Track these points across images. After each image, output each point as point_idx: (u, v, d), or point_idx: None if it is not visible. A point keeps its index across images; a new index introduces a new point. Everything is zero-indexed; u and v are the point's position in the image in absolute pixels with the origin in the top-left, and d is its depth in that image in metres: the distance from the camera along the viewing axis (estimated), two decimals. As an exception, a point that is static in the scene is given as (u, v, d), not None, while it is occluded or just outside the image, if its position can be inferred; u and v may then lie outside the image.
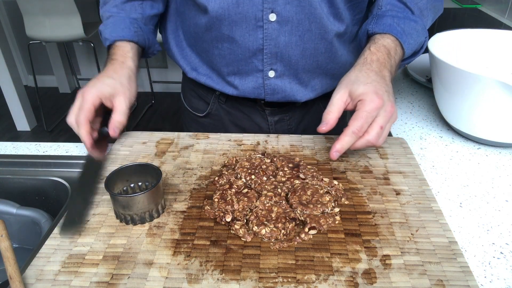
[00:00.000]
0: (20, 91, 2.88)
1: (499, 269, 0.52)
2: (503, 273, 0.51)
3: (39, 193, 0.77)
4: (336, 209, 0.59)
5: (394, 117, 0.63)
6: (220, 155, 0.73)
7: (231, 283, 0.49)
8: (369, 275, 0.49)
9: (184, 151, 0.74)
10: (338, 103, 0.63)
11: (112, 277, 0.50)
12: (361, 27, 0.76)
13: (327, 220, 0.56)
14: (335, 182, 0.64)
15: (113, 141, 0.74)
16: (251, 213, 0.58)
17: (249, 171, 0.66)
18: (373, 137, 0.60)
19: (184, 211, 0.60)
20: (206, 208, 0.60)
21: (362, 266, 0.50)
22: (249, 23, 0.74)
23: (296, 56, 0.78)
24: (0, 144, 0.83)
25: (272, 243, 0.54)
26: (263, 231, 0.54)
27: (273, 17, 0.73)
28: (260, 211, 0.58)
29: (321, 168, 0.69)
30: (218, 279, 0.49)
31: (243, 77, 0.82)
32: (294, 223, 0.56)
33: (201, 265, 0.51)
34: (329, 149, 0.73)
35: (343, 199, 0.61)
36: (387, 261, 0.51)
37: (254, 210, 0.59)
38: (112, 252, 0.53)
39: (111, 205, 0.60)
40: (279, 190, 0.62)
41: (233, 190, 0.62)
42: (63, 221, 0.58)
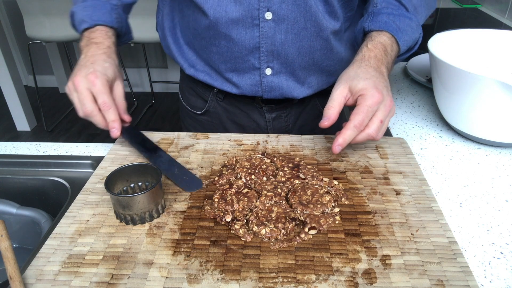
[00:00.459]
0: (20, 91, 2.88)
1: (499, 269, 0.52)
2: (503, 273, 0.51)
3: (39, 193, 0.77)
4: (336, 209, 0.59)
5: (392, 111, 0.65)
6: (220, 155, 0.73)
7: (231, 283, 0.49)
8: (369, 275, 0.49)
9: (184, 151, 0.74)
10: (338, 98, 0.65)
11: (112, 277, 0.50)
12: (357, 24, 0.78)
13: (327, 220, 0.56)
14: (335, 182, 0.64)
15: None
16: (251, 213, 0.58)
17: (249, 171, 0.66)
18: (373, 131, 0.62)
19: (184, 211, 0.60)
20: (206, 208, 0.60)
21: (362, 266, 0.50)
22: (246, 21, 0.74)
23: (292, 53, 0.79)
24: (0, 144, 0.83)
25: (272, 243, 0.54)
26: (263, 231, 0.54)
27: (269, 16, 0.73)
28: (260, 211, 0.58)
29: (321, 168, 0.69)
30: (218, 279, 0.49)
31: (240, 74, 0.82)
32: (294, 223, 0.56)
33: (201, 265, 0.51)
34: (329, 149, 0.73)
35: (343, 199, 0.61)
36: (387, 261, 0.51)
37: (254, 210, 0.59)
38: (112, 252, 0.53)
39: (111, 205, 0.60)
40: (279, 190, 0.62)
41: (233, 190, 0.62)
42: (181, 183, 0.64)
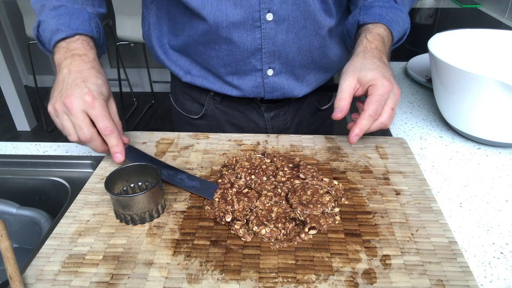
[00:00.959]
0: (20, 91, 2.88)
1: (499, 269, 0.52)
2: (503, 273, 0.51)
3: (39, 193, 0.77)
4: (336, 209, 0.59)
5: (399, 99, 0.68)
6: (220, 155, 0.73)
7: (231, 283, 0.49)
8: (369, 275, 0.49)
9: (184, 151, 0.74)
10: (348, 89, 0.66)
11: (112, 277, 0.50)
12: (348, 18, 0.80)
13: (327, 220, 0.56)
14: (335, 182, 0.64)
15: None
16: (251, 213, 0.58)
17: (249, 171, 0.66)
18: (386, 119, 0.65)
19: (184, 211, 0.60)
20: (206, 208, 0.60)
21: (362, 266, 0.50)
22: (247, 24, 0.74)
23: (293, 53, 0.79)
24: (0, 144, 0.83)
25: (272, 243, 0.54)
26: (263, 231, 0.54)
27: (270, 17, 0.74)
28: (260, 211, 0.58)
29: (321, 168, 0.69)
30: (218, 279, 0.49)
31: (241, 76, 0.82)
32: (294, 223, 0.56)
33: (201, 265, 0.51)
34: (329, 149, 0.73)
35: (343, 199, 0.61)
36: (387, 261, 0.51)
37: (254, 210, 0.59)
38: (112, 252, 0.53)
39: (111, 205, 0.60)
40: (279, 190, 0.62)
41: (234, 190, 0.62)
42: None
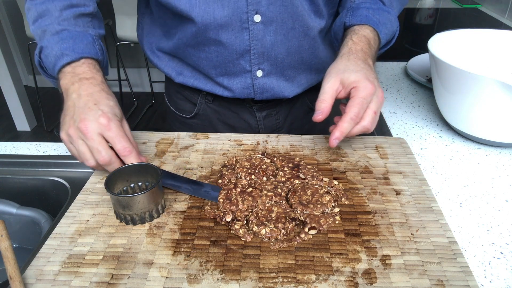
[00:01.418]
0: (20, 91, 2.88)
1: (499, 269, 0.52)
2: (503, 273, 0.51)
3: (39, 193, 0.77)
4: (336, 209, 0.59)
5: (383, 102, 0.66)
6: (220, 155, 0.73)
7: (231, 283, 0.49)
8: (369, 275, 0.49)
9: (184, 151, 0.74)
10: (330, 91, 0.65)
11: (112, 277, 0.50)
12: (335, 20, 0.79)
13: (327, 220, 0.56)
14: (335, 182, 0.64)
15: None
16: (251, 213, 0.58)
17: (249, 171, 0.66)
18: (368, 123, 0.63)
19: (184, 211, 0.60)
20: (206, 208, 0.60)
21: (362, 266, 0.50)
22: (235, 25, 0.74)
23: (282, 54, 0.79)
24: (0, 144, 0.83)
25: (272, 243, 0.54)
26: (263, 231, 0.54)
27: (257, 18, 0.73)
28: (260, 211, 0.58)
29: (321, 168, 0.69)
30: (218, 279, 0.49)
31: (231, 78, 0.82)
32: (294, 223, 0.56)
33: (201, 265, 0.51)
34: (329, 149, 0.73)
35: (343, 199, 0.61)
36: (387, 261, 0.51)
37: (254, 210, 0.59)
38: (112, 252, 0.53)
39: (111, 205, 0.60)
40: (279, 190, 0.62)
41: (238, 189, 0.62)
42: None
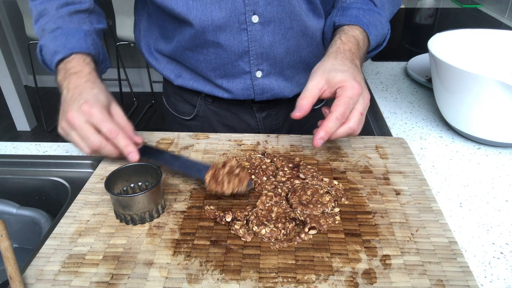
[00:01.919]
0: (20, 91, 2.88)
1: (499, 269, 0.52)
2: (503, 273, 0.51)
3: (39, 193, 0.77)
4: (336, 209, 0.59)
5: (368, 104, 0.65)
6: (220, 155, 0.73)
7: (231, 283, 0.49)
8: (369, 275, 0.49)
9: (184, 151, 0.74)
10: (313, 90, 0.64)
11: (112, 277, 0.50)
12: (326, 20, 0.79)
13: (327, 220, 0.56)
14: (335, 182, 0.64)
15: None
16: (251, 213, 0.58)
17: (249, 171, 0.66)
18: (354, 124, 0.62)
19: (184, 211, 0.60)
20: (206, 208, 0.60)
21: (362, 266, 0.50)
22: (233, 27, 0.74)
23: (280, 54, 0.79)
24: (0, 144, 0.83)
25: (272, 243, 0.54)
26: (263, 231, 0.54)
27: (255, 19, 0.73)
28: (260, 211, 0.58)
29: (321, 168, 0.69)
30: (218, 279, 0.49)
31: (230, 79, 0.82)
32: (294, 223, 0.56)
33: (201, 265, 0.51)
34: (329, 149, 0.73)
35: (343, 199, 0.61)
36: (387, 261, 0.51)
37: (254, 210, 0.59)
38: (112, 252, 0.53)
39: (111, 205, 0.60)
40: (279, 190, 0.62)
41: (226, 169, 0.61)
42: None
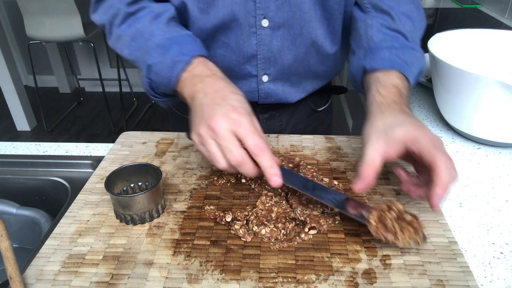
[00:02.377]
0: (20, 91, 2.88)
1: (499, 269, 0.52)
2: (503, 273, 0.51)
3: (39, 193, 0.77)
4: (336, 209, 0.59)
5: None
6: (220, 155, 0.73)
7: (231, 283, 0.49)
8: (369, 275, 0.49)
9: (184, 151, 0.74)
10: (374, 158, 0.53)
11: (112, 277, 0.50)
12: (352, 60, 0.71)
13: (327, 220, 0.56)
14: (335, 182, 0.64)
15: None
16: (251, 213, 0.58)
17: (249, 171, 0.66)
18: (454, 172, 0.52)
19: (184, 211, 0.60)
20: (206, 208, 0.60)
21: (362, 266, 0.50)
22: (243, 29, 0.74)
23: (288, 60, 0.78)
24: (0, 144, 0.83)
25: (272, 243, 0.54)
26: (263, 231, 0.54)
27: (265, 23, 0.73)
28: (260, 211, 0.58)
29: (321, 168, 0.69)
30: (218, 279, 0.49)
31: (236, 82, 0.81)
32: (294, 223, 0.56)
33: (201, 265, 0.51)
34: (329, 149, 0.73)
35: (343, 199, 0.61)
36: (387, 261, 0.51)
37: (254, 210, 0.59)
38: (112, 252, 0.53)
39: (111, 205, 0.60)
40: (279, 190, 0.62)
41: (393, 214, 0.54)
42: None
